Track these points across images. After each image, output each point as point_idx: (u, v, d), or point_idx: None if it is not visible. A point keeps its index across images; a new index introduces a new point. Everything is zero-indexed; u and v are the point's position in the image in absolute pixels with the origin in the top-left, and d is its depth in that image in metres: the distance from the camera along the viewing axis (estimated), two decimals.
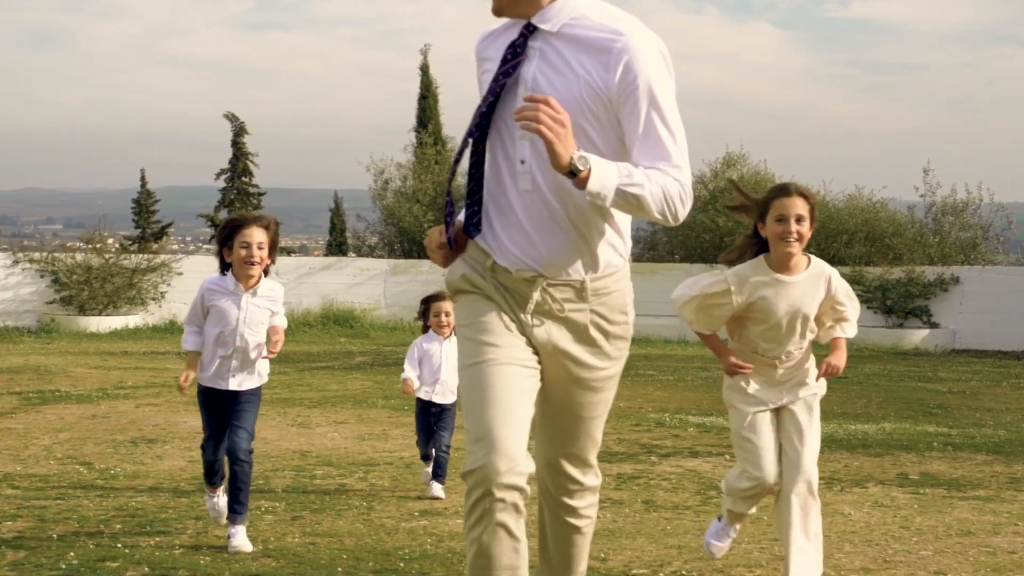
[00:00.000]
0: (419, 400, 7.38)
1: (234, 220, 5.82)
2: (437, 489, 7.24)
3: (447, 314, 7.24)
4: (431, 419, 7.31)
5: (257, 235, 5.71)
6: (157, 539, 5.94)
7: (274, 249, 5.82)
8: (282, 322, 6.00)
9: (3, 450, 8.66)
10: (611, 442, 9.48)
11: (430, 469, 7.33)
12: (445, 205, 3.53)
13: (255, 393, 5.94)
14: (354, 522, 6.43)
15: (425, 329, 7.41)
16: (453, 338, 7.05)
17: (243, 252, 5.69)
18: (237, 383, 5.87)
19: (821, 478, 7.97)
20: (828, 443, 9.58)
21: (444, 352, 7.26)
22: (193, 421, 10.35)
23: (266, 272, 5.85)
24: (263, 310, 5.85)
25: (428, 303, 7.41)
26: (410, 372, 7.29)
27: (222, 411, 5.87)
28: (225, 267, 5.83)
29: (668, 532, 6.33)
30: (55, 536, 5.97)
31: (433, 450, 7.28)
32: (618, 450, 9.13)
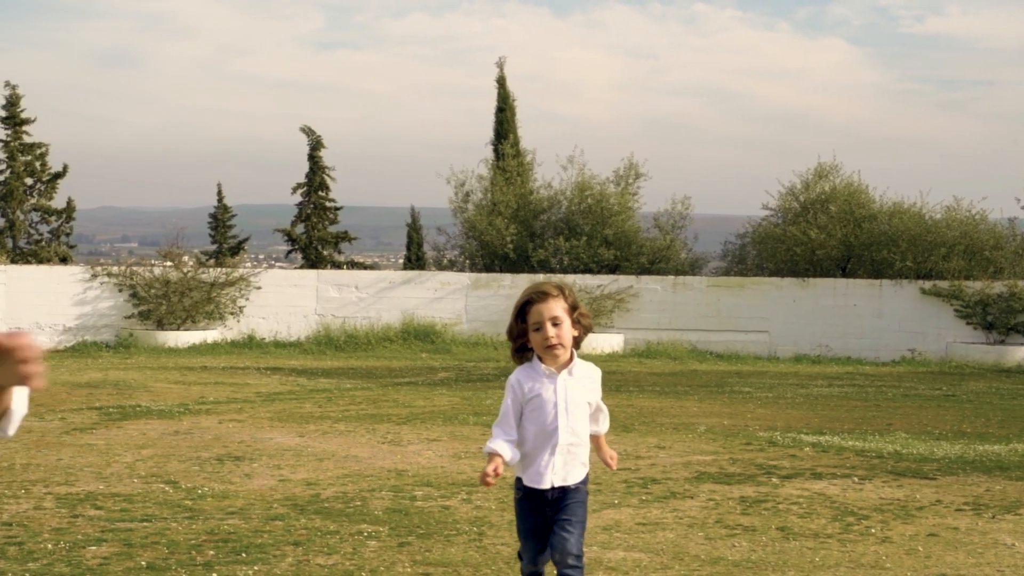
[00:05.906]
0: (521, 488, 4.20)
1: None
2: None
3: (555, 322, 4.07)
4: (548, 512, 4.14)
5: None
6: (256, 568, 5.40)
7: None
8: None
9: (85, 467, 8.21)
10: (725, 462, 8.85)
11: None
12: None
13: None
14: (467, 549, 5.85)
15: (520, 358, 4.20)
16: (577, 366, 4.16)
17: None
18: None
19: (964, 502, 7.35)
20: (961, 465, 8.88)
21: (563, 392, 4.13)
22: (281, 438, 9.85)
23: None
24: None
25: (524, 307, 4.13)
26: (501, 442, 4.09)
27: None
28: None
29: (818, 564, 5.67)
30: (144, 564, 5.46)
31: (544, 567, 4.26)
32: (733, 471, 8.48)
